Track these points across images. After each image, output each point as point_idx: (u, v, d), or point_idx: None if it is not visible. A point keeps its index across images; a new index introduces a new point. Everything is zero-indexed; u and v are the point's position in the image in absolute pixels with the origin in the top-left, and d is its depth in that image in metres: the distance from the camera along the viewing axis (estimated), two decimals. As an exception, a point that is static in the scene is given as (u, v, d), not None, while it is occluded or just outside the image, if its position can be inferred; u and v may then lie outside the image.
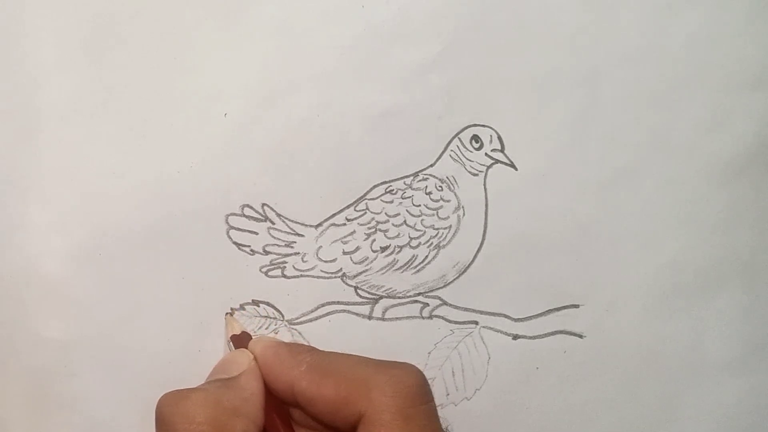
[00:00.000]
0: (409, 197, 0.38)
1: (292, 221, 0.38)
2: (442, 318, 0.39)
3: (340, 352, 0.36)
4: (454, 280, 0.39)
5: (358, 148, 0.38)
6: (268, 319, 0.38)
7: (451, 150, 0.38)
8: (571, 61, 0.38)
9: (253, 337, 0.37)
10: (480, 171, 0.39)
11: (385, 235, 0.38)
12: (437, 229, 0.39)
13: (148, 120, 0.37)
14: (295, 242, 0.38)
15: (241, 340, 0.37)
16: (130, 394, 0.38)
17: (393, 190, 0.38)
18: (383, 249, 0.39)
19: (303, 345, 0.37)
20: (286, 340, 0.38)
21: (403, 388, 0.32)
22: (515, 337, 0.40)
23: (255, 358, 0.35)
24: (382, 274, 0.39)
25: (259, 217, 0.38)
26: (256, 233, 0.38)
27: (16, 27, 0.36)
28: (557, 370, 0.40)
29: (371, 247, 0.39)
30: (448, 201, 0.39)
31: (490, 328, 0.39)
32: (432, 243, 0.39)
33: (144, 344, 0.38)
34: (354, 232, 0.38)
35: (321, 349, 0.37)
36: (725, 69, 0.39)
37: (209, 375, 0.36)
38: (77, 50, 0.37)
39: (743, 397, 0.41)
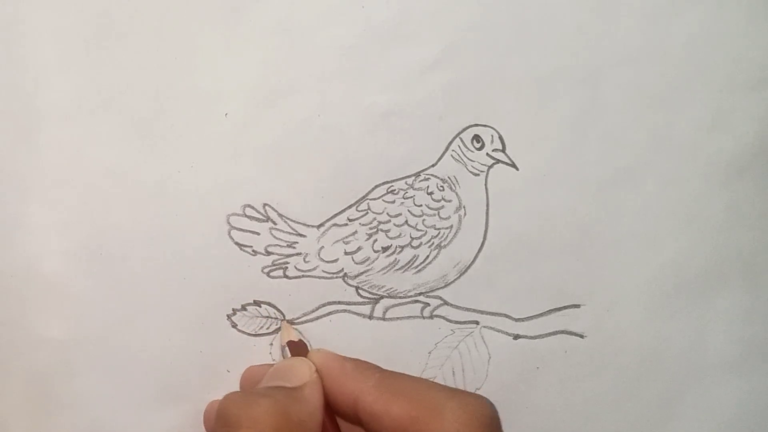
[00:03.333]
0: (411, 197, 0.38)
1: (293, 221, 0.38)
2: (443, 318, 0.39)
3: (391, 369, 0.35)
4: (455, 280, 0.39)
5: (360, 148, 0.38)
6: (269, 319, 0.38)
7: (453, 150, 0.38)
8: (571, 61, 0.38)
9: (310, 348, 0.37)
10: (481, 171, 0.39)
11: (386, 235, 0.38)
12: (438, 229, 0.39)
13: (148, 120, 0.37)
14: (296, 242, 0.38)
15: (297, 348, 0.36)
16: (130, 394, 0.38)
17: (394, 190, 0.38)
18: (385, 249, 0.39)
19: (367, 362, 0.35)
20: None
21: (479, 417, 0.31)
22: (516, 336, 0.40)
23: (316, 369, 0.34)
24: (384, 274, 0.39)
25: (261, 217, 0.38)
26: (258, 234, 0.38)
27: (17, 27, 0.36)
28: (558, 370, 0.40)
29: (373, 247, 0.38)
30: (450, 201, 0.39)
31: (491, 328, 0.39)
32: (433, 243, 0.39)
33: (144, 344, 0.38)
34: (356, 232, 0.38)
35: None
36: (725, 69, 0.39)
37: (266, 378, 0.35)
38: (77, 50, 0.37)
39: (743, 397, 0.41)
